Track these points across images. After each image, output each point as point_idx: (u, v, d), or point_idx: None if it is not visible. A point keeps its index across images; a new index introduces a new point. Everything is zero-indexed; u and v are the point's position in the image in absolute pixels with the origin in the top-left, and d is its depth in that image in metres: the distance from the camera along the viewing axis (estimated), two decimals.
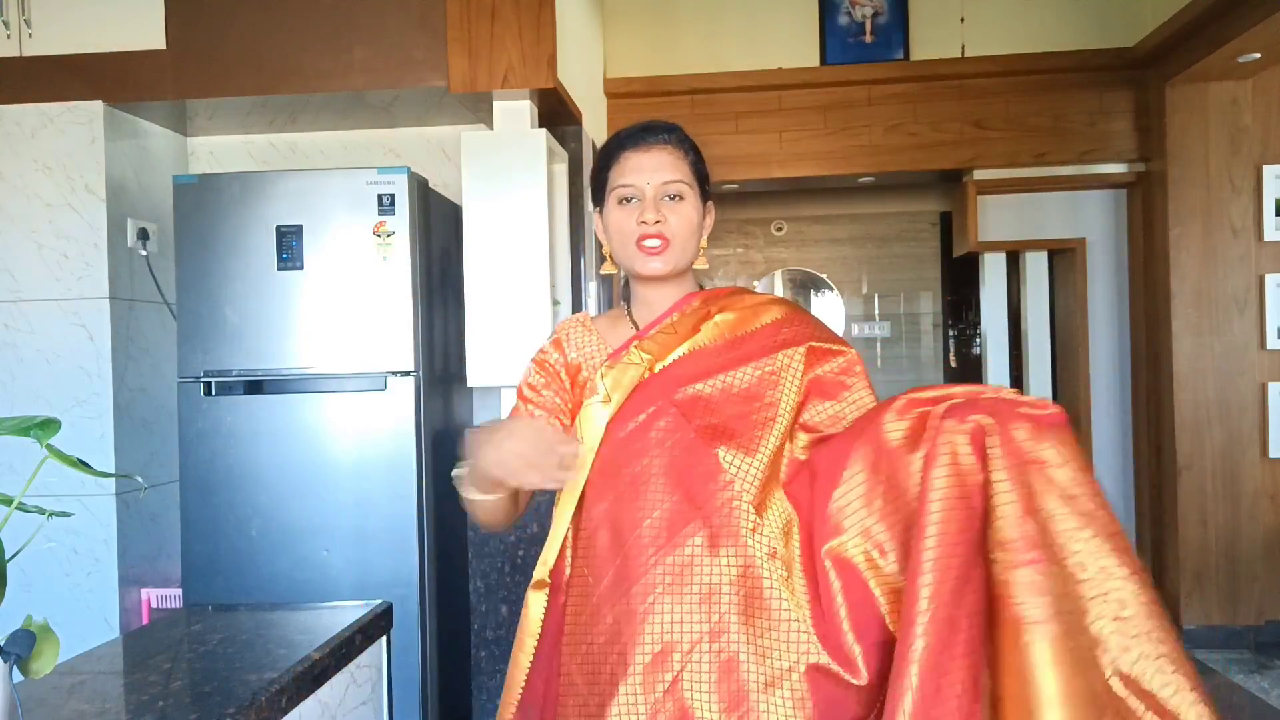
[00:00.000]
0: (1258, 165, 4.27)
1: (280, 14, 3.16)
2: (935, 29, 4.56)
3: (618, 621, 1.25)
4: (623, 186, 1.41)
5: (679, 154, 1.43)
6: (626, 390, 1.36)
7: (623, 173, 1.41)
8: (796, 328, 1.41)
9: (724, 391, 1.34)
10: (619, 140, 1.44)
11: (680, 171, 1.41)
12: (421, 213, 3.01)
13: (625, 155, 1.42)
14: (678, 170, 1.41)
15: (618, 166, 1.42)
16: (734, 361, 1.37)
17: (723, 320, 1.42)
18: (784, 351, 1.37)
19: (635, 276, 1.45)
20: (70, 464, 1.01)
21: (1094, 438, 4.68)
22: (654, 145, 1.42)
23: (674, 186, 1.40)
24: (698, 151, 1.47)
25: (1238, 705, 3.62)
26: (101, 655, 1.47)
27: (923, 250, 6.56)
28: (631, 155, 1.41)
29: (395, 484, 2.89)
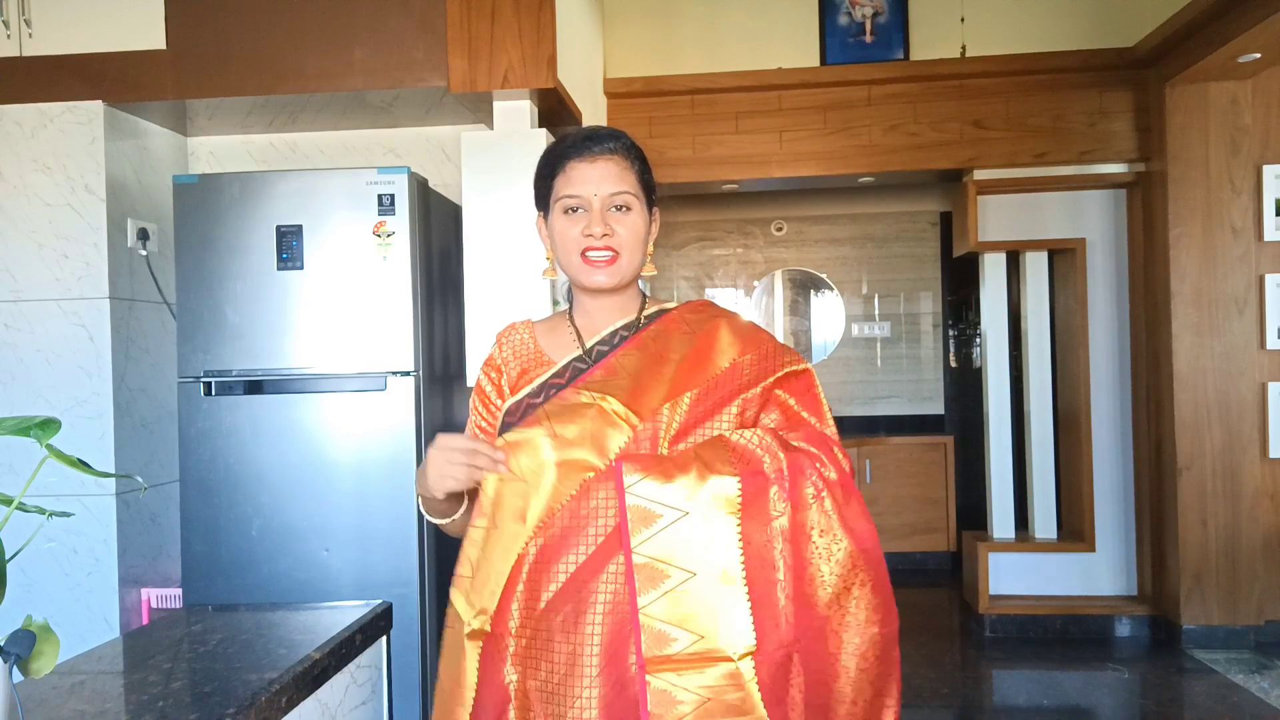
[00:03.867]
0: (1258, 165, 4.27)
1: (280, 14, 3.16)
2: (935, 29, 4.56)
3: (571, 644, 1.23)
4: (568, 197, 1.38)
5: (626, 164, 1.40)
6: (581, 437, 1.31)
7: (569, 182, 1.38)
8: (755, 367, 1.39)
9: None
10: (564, 148, 1.41)
11: (627, 182, 1.39)
12: (421, 213, 3.01)
13: (571, 164, 1.39)
14: (624, 181, 1.38)
15: (563, 175, 1.39)
16: (698, 420, 1.33)
17: (683, 365, 1.38)
18: (744, 395, 1.36)
19: (578, 286, 1.44)
20: (70, 464, 1.01)
21: (1094, 438, 4.68)
22: (600, 155, 1.38)
23: (621, 198, 1.38)
24: (644, 160, 1.44)
25: (1238, 705, 3.62)
26: (101, 655, 1.47)
27: (923, 250, 6.56)
28: (578, 165, 1.38)
29: (395, 484, 2.89)
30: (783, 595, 1.23)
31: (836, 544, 1.25)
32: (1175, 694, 3.87)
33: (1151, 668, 4.17)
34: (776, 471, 1.26)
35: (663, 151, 4.57)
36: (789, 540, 1.24)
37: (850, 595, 1.25)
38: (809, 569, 1.25)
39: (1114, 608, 4.60)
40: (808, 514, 1.26)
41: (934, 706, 3.77)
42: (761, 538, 1.23)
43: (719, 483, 1.23)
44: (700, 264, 6.70)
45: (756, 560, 1.22)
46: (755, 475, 1.25)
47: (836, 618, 1.25)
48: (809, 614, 1.24)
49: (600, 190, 1.37)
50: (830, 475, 1.28)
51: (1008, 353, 4.96)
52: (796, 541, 1.25)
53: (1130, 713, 3.77)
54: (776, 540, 1.24)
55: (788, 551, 1.24)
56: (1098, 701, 3.87)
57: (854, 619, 1.25)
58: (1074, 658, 4.30)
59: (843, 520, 1.26)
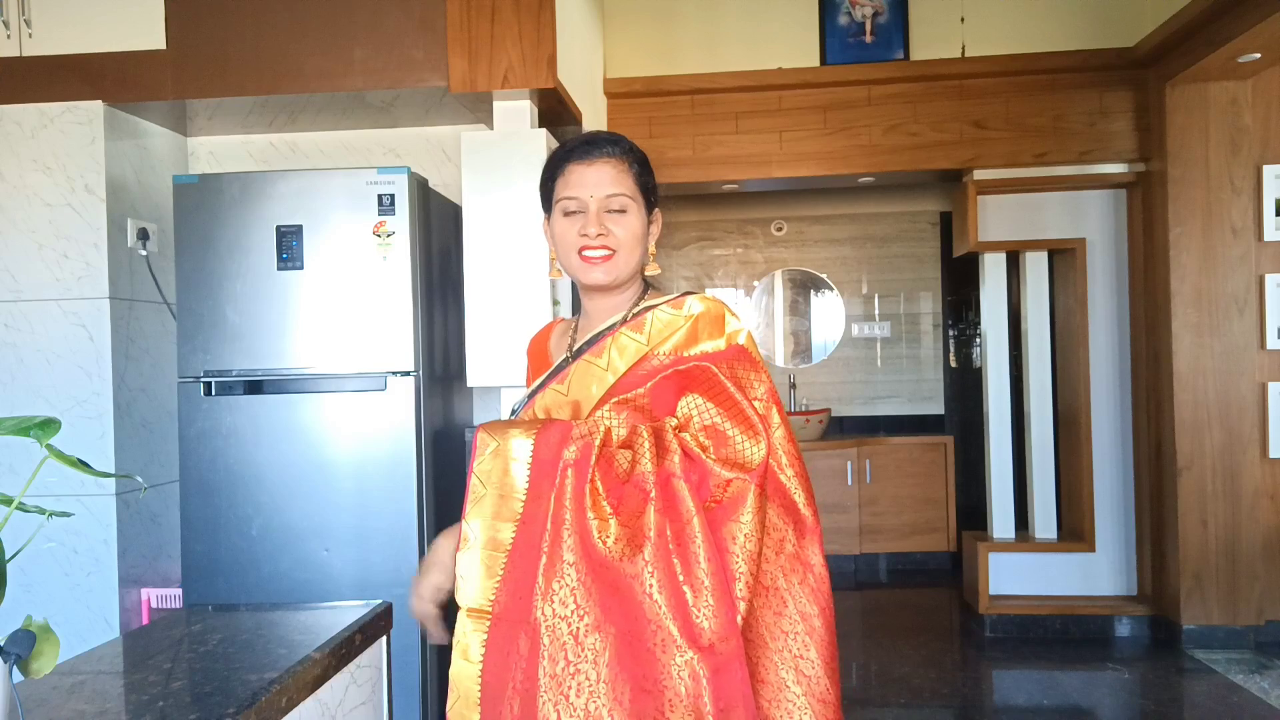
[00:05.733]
0: (1258, 165, 4.27)
1: (280, 14, 3.16)
2: (935, 29, 4.56)
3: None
4: (567, 199, 1.45)
5: (622, 166, 1.45)
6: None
7: (567, 185, 1.45)
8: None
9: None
10: (564, 152, 1.47)
11: (623, 185, 1.44)
12: (421, 213, 3.01)
13: (570, 167, 1.45)
14: (620, 183, 1.44)
15: (563, 178, 1.46)
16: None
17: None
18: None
19: (580, 285, 1.50)
20: (70, 464, 1.01)
21: (1094, 438, 4.68)
22: (597, 158, 1.44)
23: (617, 200, 1.44)
24: (643, 162, 1.49)
25: (1238, 705, 3.62)
26: (101, 655, 1.47)
27: (923, 250, 6.56)
28: (575, 168, 1.44)
29: (395, 484, 2.89)
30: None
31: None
32: (1175, 694, 3.87)
33: (1151, 668, 4.17)
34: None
35: (663, 151, 4.57)
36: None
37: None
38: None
39: (1114, 608, 4.60)
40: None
41: (934, 706, 3.77)
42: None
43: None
44: (700, 264, 6.70)
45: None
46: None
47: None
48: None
49: (596, 192, 1.43)
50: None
51: (1008, 353, 4.96)
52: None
53: (1130, 713, 3.77)
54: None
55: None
56: (1098, 701, 3.87)
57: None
58: (1074, 658, 4.30)
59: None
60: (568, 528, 1.25)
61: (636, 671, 1.19)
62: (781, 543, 1.34)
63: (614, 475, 1.28)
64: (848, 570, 5.94)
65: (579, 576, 1.23)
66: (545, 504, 1.27)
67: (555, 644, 1.21)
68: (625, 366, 1.42)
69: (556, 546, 1.24)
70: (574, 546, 1.24)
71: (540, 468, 1.29)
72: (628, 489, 1.26)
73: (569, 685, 1.19)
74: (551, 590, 1.23)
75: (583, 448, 1.28)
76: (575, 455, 1.28)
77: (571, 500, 1.26)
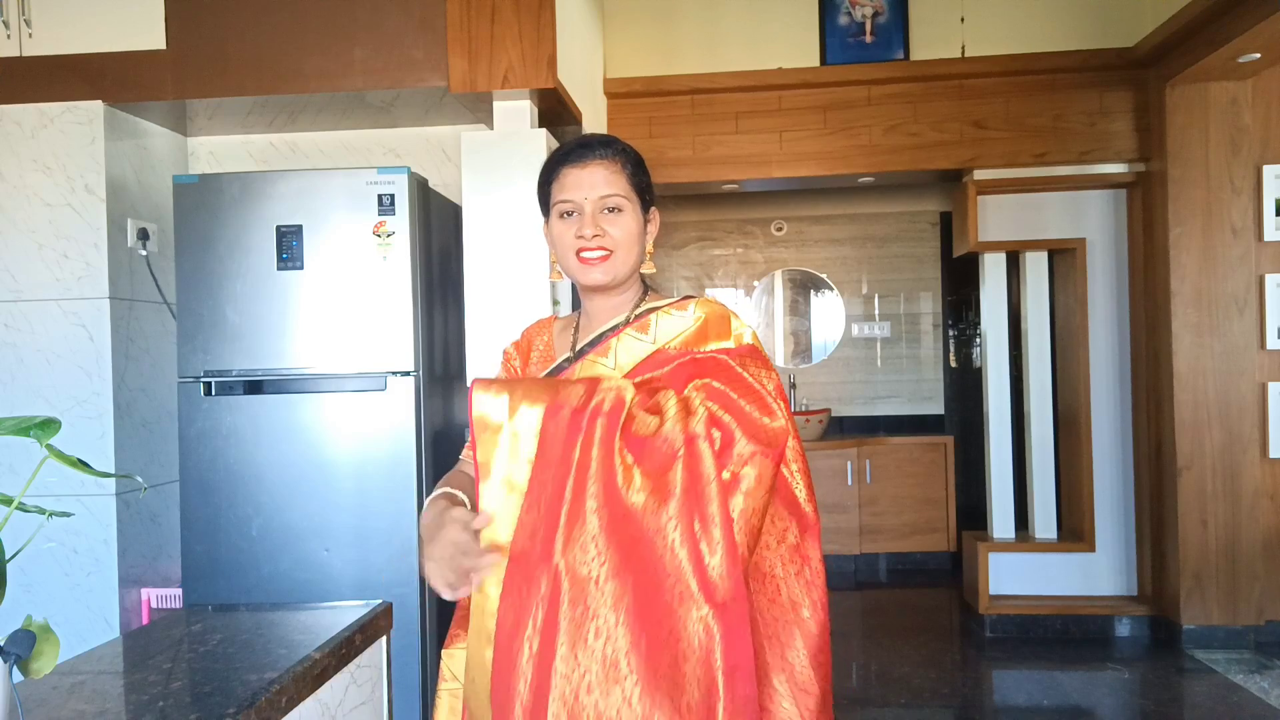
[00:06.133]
0: (1258, 165, 4.27)
1: (280, 14, 3.16)
2: (935, 29, 4.56)
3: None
4: (563, 201, 1.47)
5: (615, 167, 1.47)
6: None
7: (563, 188, 1.47)
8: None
9: None
10: (559, 156, 1.50)
11: (617, 185, 1.47)
12: (421, 213, 3.01)
13: (564, 171, 1.48)
14: (614, 184, 1.46)
15: (558, 182, 1.49)
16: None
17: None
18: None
19: (580, 286, 1.52)
20: (70, 464, 1.01)
21: (1094, 438, 4.68)
22: (591, 161, 1.47)
23: (611, 200, 1.46)
24: (637, 163, 1.51)
25: (1238, 705, 3.62)
26: (101, 655, 1.47)
27: (923, 250, 6.56)
28: (570, 171, 1.47)
29: (395, 484, 2.89)
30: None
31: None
32: (1175, 694, 3.87)
33: (1151, 668, 4.17)
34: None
35: (663, 151, 4.57)
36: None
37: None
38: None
39: (1114, 608, 4.60)
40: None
41: (934, 706, 3.77)
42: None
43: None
44: (700, 264, 6.70)
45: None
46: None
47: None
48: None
49: (591, 193, 1.46)
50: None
51: (1008, 353, 4.96)
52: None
53: (1130, 713, 3.77)
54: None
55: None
56: (1098, 701, 3.87)
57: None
58: (1074, 658, 4.30)
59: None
60: (593, 476, 1.26)
61: (653, 621, 1.22)
62: (784, 533, 1.37)
63: (640, 431, 1.29)
64: (848, 570, 5.94)
65: (601, 524, 1.24)
66: (570, 451, 1.27)
67: (576, 588, 1.22)
68: (632, 364, 1.44)
69: (580, 493, 1.25)
70: (598, 494, 1.25)
71: (568, 416, 1.28)
72: (654, 443, 1.28)
73: (588, 629, 1.21)
74: (573, 536, 1.24)
75: (615, 400, 1.29)
76: (607, 406, 1.28)
77: (600, 449, 1.26)
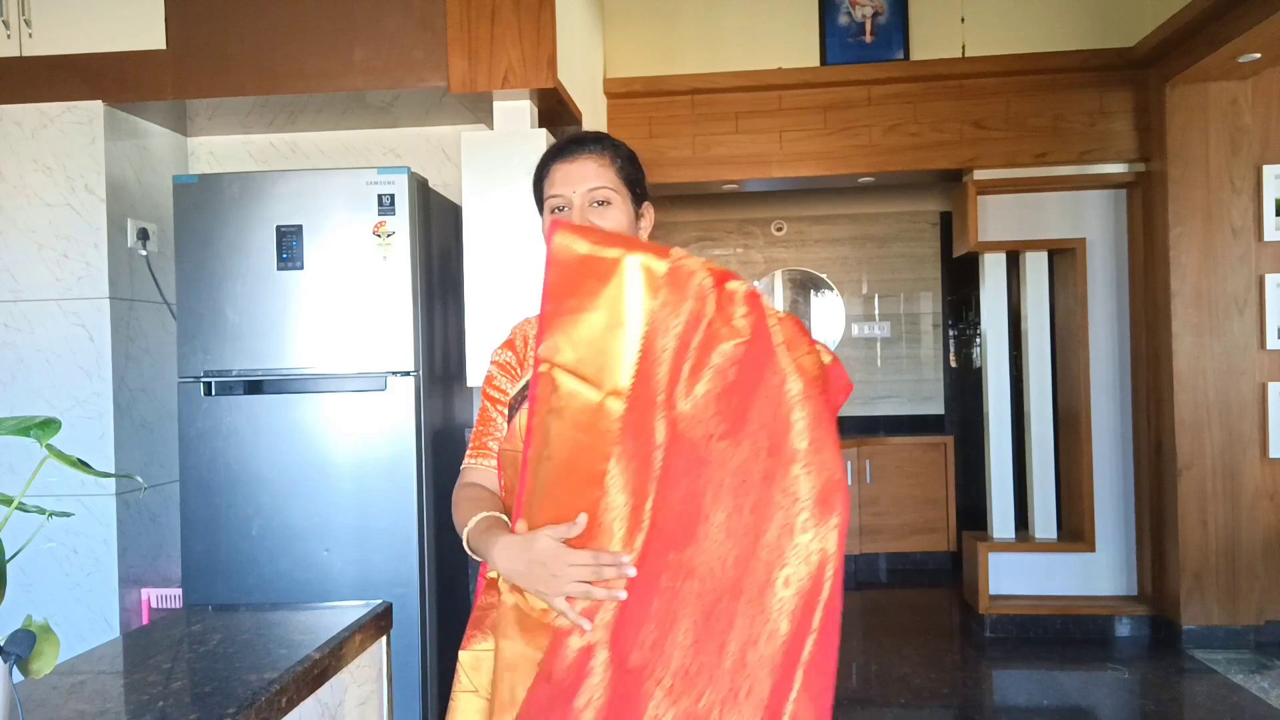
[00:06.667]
0: (1258, 165, 4.27)
1: (280, 14, 3.16)
2: (935, 29, 4.56)
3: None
4: (553, 197, 1.48)
5: (604, 160, 1.48)
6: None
7: (553, 184, 1.49)
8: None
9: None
10: (550, 153, 1.52)
11: (605, 178, 1.47)
12: (421, 213, 3.01)
13: (554, 167, 1.50)
14: (603, 177, 1.47)
15: (549, 179, 1.50)
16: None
17: None
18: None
19: None
20: (70, 464, 1.01)
21: (1094, 438, 4.68)
22: (579, 155, 1.48)
23: (600, 193, 1.47)
24: (628, 157, 1.52)
25: (1238, 705, 3.62)
26: (101, 655, 1.47)
27: (923, 250, 6.56)
28: (560, 167, 1.49)
29: (395, 484, 2.89)
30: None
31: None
32: (1175, 694, 3.87)
33: (1151, 668, 4.17)
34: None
35: (663, 151, 4.57)
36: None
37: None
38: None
39: (1114, 608, 4.60)
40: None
41: (934, 706, 3.77)
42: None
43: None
44: None
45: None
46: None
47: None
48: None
49: (579, 187, 1.46)
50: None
51: (1008, 353, 4.96)
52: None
53: (1130, 713, 3.77)
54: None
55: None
56: (1098, 701, 3.87)
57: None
58: (1074, 658, 4.30)
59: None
60: (706, 332, 1.25)
61: (762, 486, 1.23)
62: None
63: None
64: (848, 570, 5.90)
65: (723, 384, 1.24)
66: (700, 306, 1.25)
67: (688, 442, 1.23)
68: None
69: (706, 352, 1.25)
70: (722, 352, 1.25)
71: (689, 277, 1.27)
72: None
73: (701, 481, 1.23)
74: (694, 391, 1.24)
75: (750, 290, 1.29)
76: (740, 286, 1.28)
77: (716, 309, 1.26)
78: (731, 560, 1.23)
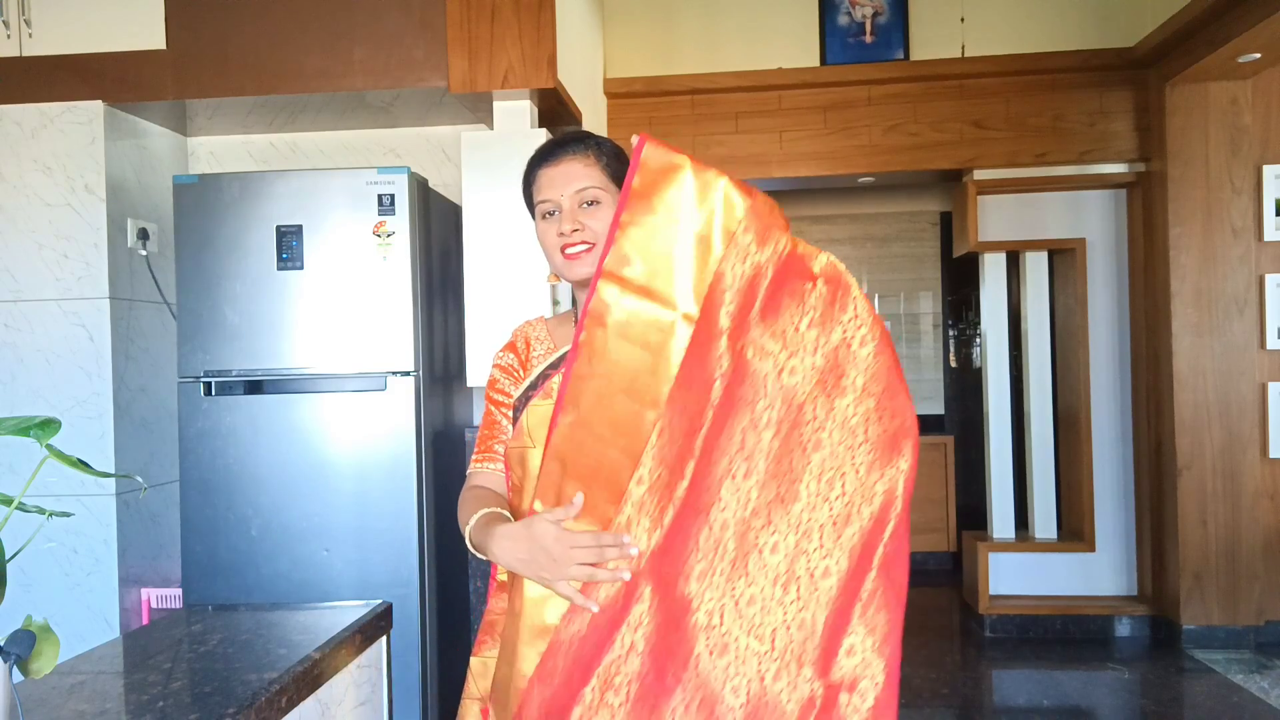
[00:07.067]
0: (1258, 165, 4.27)
1: (280, 14, 3.16)
2: (935, 29, 4.56)
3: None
4: (542, 202, 1.48)
5: (589, 159, 1.47)
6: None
7: (540, 189, 1.48)
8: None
9: None
10: (534, 159, 1.51)
11: (592, 177, 1.45)
12: (421, 213, 3.01)
13: (540, 173, 1.49)
14: (589, 176, 1.45)
15: (536, 185, 1.50)
16: None
17: None
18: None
19: (570, 283, 1.52)
20: (70, 464, 1.01)
21: (1094, 438, 4.68)
22: (563, 158, 1.47)
23: (588, 193, 1.45)
24: (613, 154, 1.50)
25: (1238, 705, 3.62)
26: (101, 655, 1.47)
27: (923, 250, 6.56)
28: (545, 171, 1.48)
29: (395, 484, 2.89)
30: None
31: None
32: (1175, 694, 3.87)
33: (1151, 668, 4.17)
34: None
35: None
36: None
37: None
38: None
39: (1114, 608, 4.60)
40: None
41: (934, 706, 3.77)
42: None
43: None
44: None
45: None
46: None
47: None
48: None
49: (566, 189, 1.45)
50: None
51: (1008, 353, 4.96)
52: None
53: (1130, 713, 3.77)
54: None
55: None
56: (1098, 701, 3.87)
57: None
58: (1074, 658, 4.30)
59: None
60: (784, 265, 1.28)
61: (828, 423, 1.24)
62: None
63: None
64: None
65: (798, 320, 1.26)
66: (778, 248, 1.28)
67: (752, 373, 1.24)
68: None
69: (781, 285, 1.26)
70: (797, 290, 1.27)
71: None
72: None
73: (761, 413, 1.24)
74: (766, 323, 1.25)
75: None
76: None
77: (791, 248, 1.30)
78: (789, 494, 1.22)
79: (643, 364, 1.24)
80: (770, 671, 1.20)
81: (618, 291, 1.25)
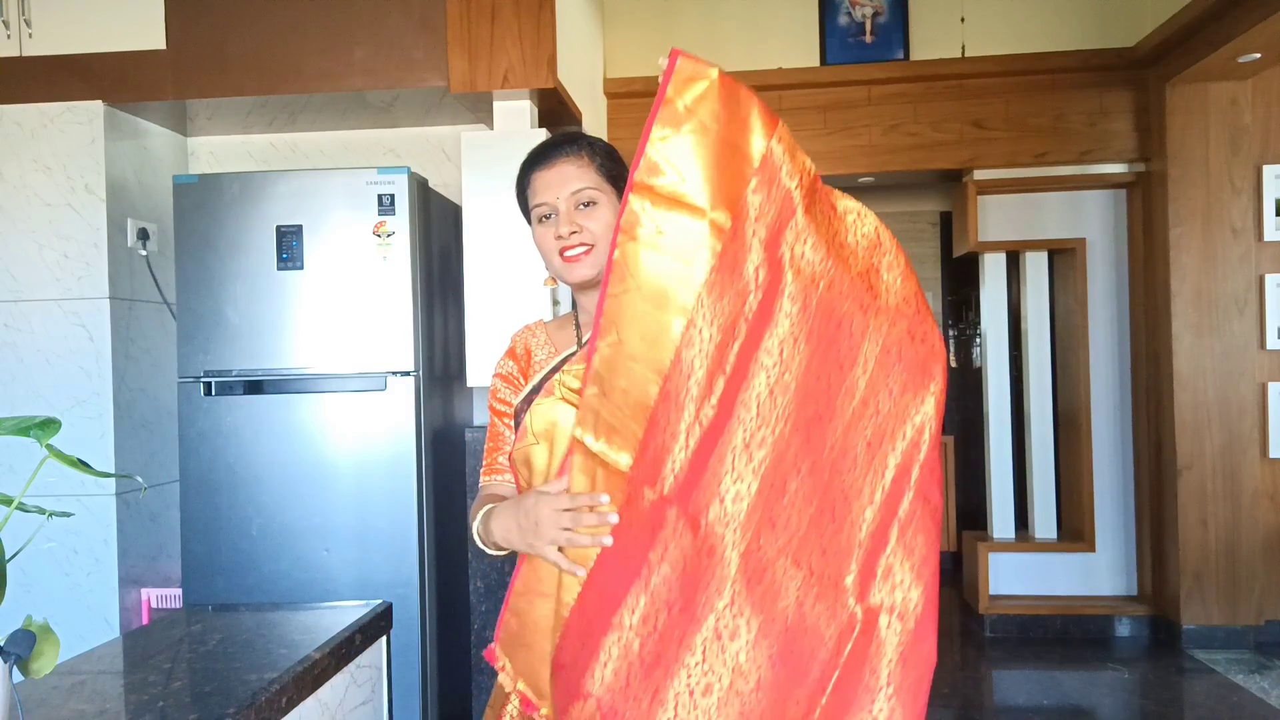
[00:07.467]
0: (1258, 165, 4.27)
1: (280, 14, 3.16)
2: (935, 29, 4.56)
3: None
4: (538, 206, 1.47)
5: (583, 161, 1.46)
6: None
7: (535, 193, 1.47)
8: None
9: None
10: (527, 162, 1.50)
11: (587, 178, 1.45)
12: (421, 213, 3.01)
13: (534, 176, 1.47)
14: (584, 178, 1.44)
15: (531, 188, 1.48)
16: None
17: None
18: None
19: (570, 285, 1.51)
20: (70, 464, 1.01)
21: (1094, 438, 4.68)
22: (556, 160, 1.45)
23: (584, 194, 1.44)
24: (607, 153, 1.49)
25: (1238, 705, 3.62)
26: (101, 655, 1.47)
27: (923, 250, 6.56)
28: (539, 175, 1.47)
29: (395, 484, 2.89)
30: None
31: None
32: (1175, 694, 3.87)
33: (1151, 668, 4.17)
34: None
35: None
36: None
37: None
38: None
39: (1114, 608, 4.60)
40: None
41: (934, 706, 3.77)
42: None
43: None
44: None
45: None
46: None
47: None
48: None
49: (562, 192, 1.44)
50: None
51: (1008, 353, 4.96)
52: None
53: (1130, 713, 3.77)
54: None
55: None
56: (1098, 701, 3.87)
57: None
58: (1074, 658, 4.30)
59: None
60: (816, 188, 1.28)
61: (861, 342, 1.24)
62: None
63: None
64: None
65: (833, 238, 1.26)
66: (808, 175, 1.27)
67: (800, 286, 1.22)
68: None
69: (814, 201, 1.26)
70: (838, 207, 1.28)
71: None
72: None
73: (797, 328, 1.21)
74: (804, 236, 1.23)
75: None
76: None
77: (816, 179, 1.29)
78: (825, 414, 1.21)
79: (673, 273, 1.20)
80: (810, 597, 1.18)
81: (648, 204, 1.21)
